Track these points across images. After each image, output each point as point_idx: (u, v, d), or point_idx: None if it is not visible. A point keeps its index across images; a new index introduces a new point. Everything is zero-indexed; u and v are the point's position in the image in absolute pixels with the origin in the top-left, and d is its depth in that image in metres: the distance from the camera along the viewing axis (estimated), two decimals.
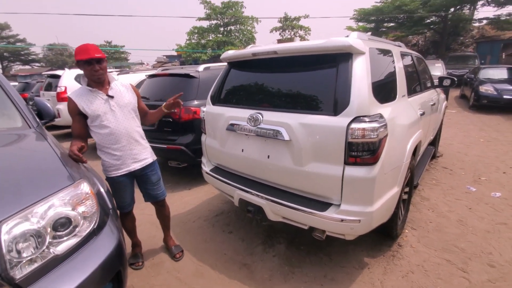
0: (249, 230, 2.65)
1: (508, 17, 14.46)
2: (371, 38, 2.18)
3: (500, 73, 9.24)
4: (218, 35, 24.41)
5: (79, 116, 1.82)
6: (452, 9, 15.61)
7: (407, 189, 2.44)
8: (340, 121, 1.68)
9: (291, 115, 1.89)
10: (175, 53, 26.39)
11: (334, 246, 2.34)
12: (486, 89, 8.24)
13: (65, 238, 1.19)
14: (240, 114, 2.18)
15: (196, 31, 24.65)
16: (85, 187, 1.31)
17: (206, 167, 2.64)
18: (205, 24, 24.76)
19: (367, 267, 2.11)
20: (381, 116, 1.72)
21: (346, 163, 1.69)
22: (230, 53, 2.45)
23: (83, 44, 1.74)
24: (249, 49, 2.24)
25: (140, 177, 2.04)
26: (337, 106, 1.73)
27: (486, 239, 2.41)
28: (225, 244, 2.46)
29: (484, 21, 16.34)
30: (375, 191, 1.68)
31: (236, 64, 2.50)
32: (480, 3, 15.27)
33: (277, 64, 2.15)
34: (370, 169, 1.66)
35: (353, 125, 1.64)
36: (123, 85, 1.99)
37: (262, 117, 2.01)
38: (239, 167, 2.33)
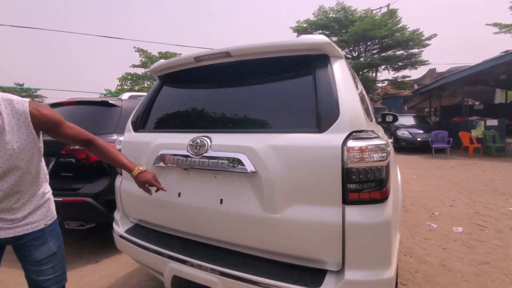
0: None
1: (403, 79, 18.20)
2: None
3: (408, 120, 10.90)
4: (154, 82, 23.73)
5: None
6: (360, 72, 18.88)
7: None
8: (330, 139, 1.14)
9: (255, 136, 1.28)
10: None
11: None
12: (403, 133, 9.44)
13: None
14: (176, 140, 1.46)
15: (129, 77, 23.49)
16: None
17: (119, 227, 1.70)
18: (139, 71, 23.95)
19: None
20: (376, 134, 1.25)
21: (346, 201, 1.10)
22: (163, 62, 1.81)
23: None
24: (191, 54, 1.64)
25: (16, 247, 1.15)
26: (322, 119, 1.21)
27: (481, 285, 2.05)
28: None
29: (386, 82, 20.19)
30: (393, 243, 1.11)
31: (171, 78, 1.85)
32: (381, 68, 19.03)
33: (231, 71, 1.58)
34: (381, 208, 1.10)
35: (351, 143, 1.11)
36: (17, 112, 1.03)
37: (211, 141, 1.34)
38: (174, 222, 1.51)
